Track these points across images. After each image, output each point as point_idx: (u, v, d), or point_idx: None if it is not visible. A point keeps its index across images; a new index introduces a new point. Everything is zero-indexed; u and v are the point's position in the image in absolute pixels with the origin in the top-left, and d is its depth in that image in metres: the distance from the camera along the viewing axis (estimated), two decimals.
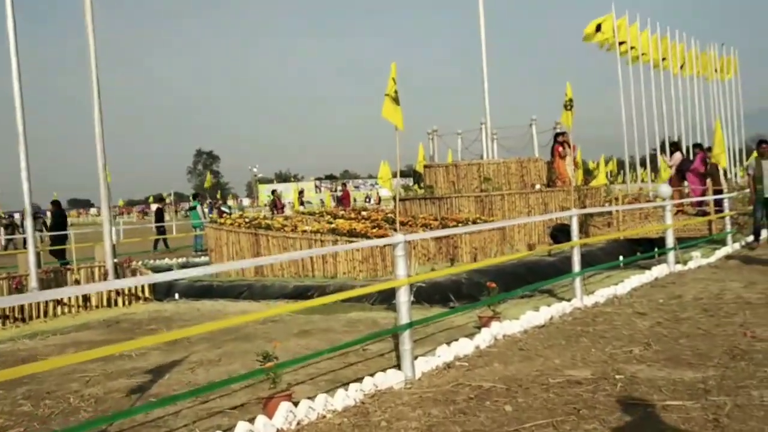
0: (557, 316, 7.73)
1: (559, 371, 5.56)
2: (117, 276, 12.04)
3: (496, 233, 15.37)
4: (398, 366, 5.74)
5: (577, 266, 8.43)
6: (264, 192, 75.65)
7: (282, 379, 5.15)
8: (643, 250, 14.91)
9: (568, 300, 8.40)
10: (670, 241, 11.07)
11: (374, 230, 13.67)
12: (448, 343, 6.42)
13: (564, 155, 18.68)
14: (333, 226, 14.44)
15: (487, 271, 12.94)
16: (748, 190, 14.40)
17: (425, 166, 19.71)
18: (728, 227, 13.98)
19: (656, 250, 14.22)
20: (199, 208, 23.75)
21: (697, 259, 11.65)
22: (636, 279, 9.76)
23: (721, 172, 16.62)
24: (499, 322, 7.11)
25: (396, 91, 7.14)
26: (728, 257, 12.28)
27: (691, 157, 18.10)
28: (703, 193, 16.20)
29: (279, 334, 7.88)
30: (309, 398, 4.97)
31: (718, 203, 14.71)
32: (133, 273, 12.43)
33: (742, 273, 10.32)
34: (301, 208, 27.58)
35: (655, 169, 30.08)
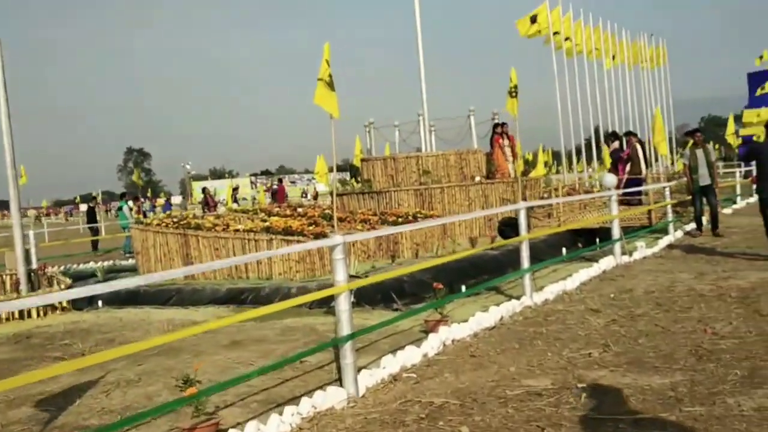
0: (507, 316, 7.28)
1: (516, 381, 5.08)
2: (31, 284, 11.07)
3: (437, 228, 14.94)
4: (339, 381, 5.16)
5: (526, 262, 7.99)
6: (197, 189, 73.89)
7: (209, 401, 4.52)
8: (584, 240, 14.73)
9: (517, 298, 7.96)
10: (616, 232, 10.79)
11: (311, 228, 13.05)
12: (394, 352, 5.87)
13: (503, 146, 18.43)
14: (267, 224, 13.74)
15: (429, 268, 12.50)
16: (684, 179, 14.34)
17: (362, 160, 19.16)
18: (669, 216, 13.88)
19: (598, 240, 14.03)
20: (125, 207, 22.58)
21: (642, 249, 11.44)
22: (584, 273, 9.41)
23: (641, 156, 16.55)
24: (447, 326, 6.60)
25: (330, 75, 6.52)
26: (671, 246, 12.12)
27: (626, 146, 18.07)
28: (621, 181, 16.15)
29: (207, 346, 7.20)
30: (238, 425, 4.35)
31: (638, 191, 14.60)
32: (50, 281, 11.47)
33: (689, 263, 10.11)
34: (235, 206, 26.65)
35: (588, 159, 30.23)
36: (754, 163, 12.98)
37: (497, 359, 5.72)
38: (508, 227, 12.76)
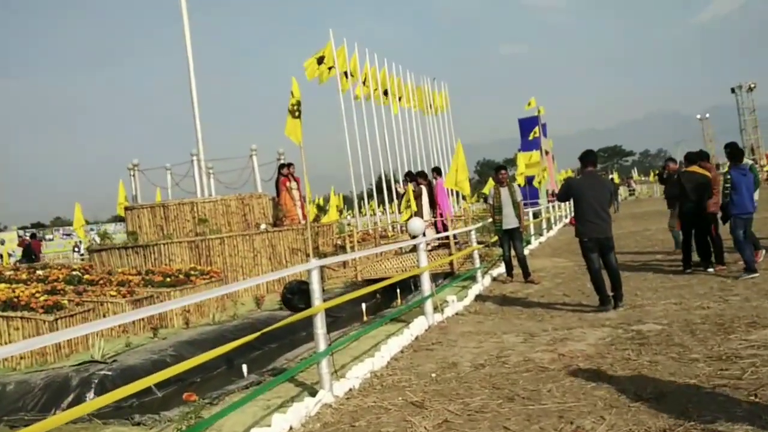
0: (299, 425, 5.09)
1: None
2: None
3: (215, 284, 12.57)
4: None
5: (322, 343, 5.80)
6: None
7: None
8: (382, 291, 13.16)
9: (313, 392, 5.80)
10: (426, 287, 9.02)
11: (43, 298, 10.06)
12: None
13: (291, 189, 16.51)
14: None
15: (203, 340, 10.12)
16: (490, 220, 13.21)
17: (126, 209, 16.23)
18: (477, 262, 12.58)
19: (398, 291, 12.47)
20: None
21: (454, 303, 9.85)
22: (394, 343, 7.48)
23: (426, 199, 15.54)
24: None
25: None
26: (483, 297, 10.67)
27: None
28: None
29: None
30: None
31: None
32: None
33: (510, 320, 8.62)
34: None
35: (380, 201, 29.29)
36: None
37: None
38: (296, 295, 10.58)
